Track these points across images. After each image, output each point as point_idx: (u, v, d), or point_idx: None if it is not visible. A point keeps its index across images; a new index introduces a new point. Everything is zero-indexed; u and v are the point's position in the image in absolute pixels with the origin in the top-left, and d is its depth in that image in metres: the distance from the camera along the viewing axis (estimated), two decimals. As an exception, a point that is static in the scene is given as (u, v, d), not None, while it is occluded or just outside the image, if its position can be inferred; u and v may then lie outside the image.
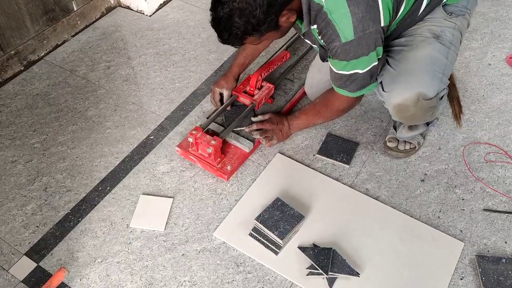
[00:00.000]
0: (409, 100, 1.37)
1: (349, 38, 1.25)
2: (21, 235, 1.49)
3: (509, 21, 2.22)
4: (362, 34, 1.24)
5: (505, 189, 1.59)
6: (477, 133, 1.76)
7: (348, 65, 1.32)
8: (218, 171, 1.61)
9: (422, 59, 1.38)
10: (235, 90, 1.78)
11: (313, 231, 1.48)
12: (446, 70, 1.39)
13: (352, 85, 1.39)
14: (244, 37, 1.27)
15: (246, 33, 1.25)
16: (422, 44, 1.40)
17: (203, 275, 1.40)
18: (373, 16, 1.24)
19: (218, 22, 1.25)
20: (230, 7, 1.20)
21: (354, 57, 1.29)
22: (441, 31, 1.41)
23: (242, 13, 1.20)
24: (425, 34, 1.41)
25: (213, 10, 1.25)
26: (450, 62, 1.41)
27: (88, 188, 1.61)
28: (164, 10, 2.36)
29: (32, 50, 2.04)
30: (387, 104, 1.44)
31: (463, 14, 1.45)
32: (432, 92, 1.35)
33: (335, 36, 1.27)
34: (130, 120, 1.83)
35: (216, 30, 1.28)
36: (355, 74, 1.34)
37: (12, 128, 1.80)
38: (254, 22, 1.21)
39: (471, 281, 1.38)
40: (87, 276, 1.40)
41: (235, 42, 1.30)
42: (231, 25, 1.23)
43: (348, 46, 1.27)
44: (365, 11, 1.22)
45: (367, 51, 1.29)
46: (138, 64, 2.07)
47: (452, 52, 1.42)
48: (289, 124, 1.68)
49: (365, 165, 1.67)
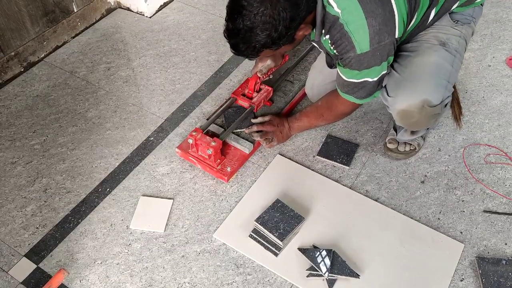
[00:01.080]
0: (414, 107, 1.36)
1: (365, 50, 1.25)
2: (21, 237, 1.49)
3: (509, 22, 2.23)
4: (378, 45, 1.24)
5: (505, 190, 1.59)
6: (477, 134, 1.76)
7: (359, 74, 1.32)
8: (218, 172, 1.61)
9: (428, 66, 1.38)
10: (234, 93, 1.78)
11: (313, 233, 1.48)
12: (451, 78, 1.39)
13: (359, 92, 1.38)
14: (261, 50, 1.24)
15: (265, 46, 1.22)
16: (428, 51, 1.40)
17: (203, 277, 1.40)
18: (389, 29, 1.24)
19: (236, 34, 1.20)
20: (252, 20, 1.16)
21: (367, 67, 1.29)
22: (447, 38, 1.42)
23: (265, 26, 1.16)
24: (431, 41, 1.42)
25: (231, 21, 1.19)
26: (455, 70, 1.42)
27: (88, 189, 1.61)
28: (164, 12, 2.36)
29: (32, 51, 2.04)
30: (391, 109, 1.43)
31: (468, 22, 1.46)
32: (437, 99, 1.35)
33: (351, 47, 1.26)
34: (130, 121, 1.83)
35: (231, 41, 1.24)
36: (365, 82, 1.34)
37: (12, 129, 1.80)
38: (275, 36, 1.19)
39: (471, 282, 1.38)
40: (87, 277, 1.40)
41: (251, 54, 1.26)
42: (251, 38, 1.19)
43: (362, 57, 1.27)
44: (382, 24, 1.22)
45: (379, 62, 1.29)
46: (138, 65, 2.07)
47: (457, 60, 1.42)
48: (289, 125, 1.68)
49: (365, 166, 1.67)
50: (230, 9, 1.20)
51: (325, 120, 1.62)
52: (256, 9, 1.14)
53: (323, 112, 1.58)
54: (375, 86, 1.36)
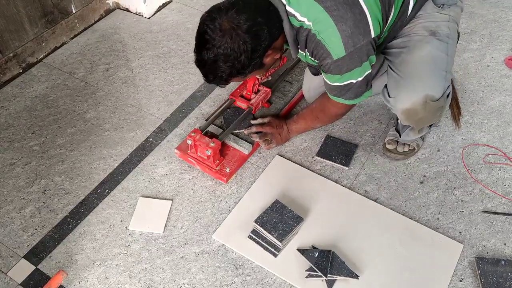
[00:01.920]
0: (417, 104, 1.36)
1: (340, 55, 1.26)
2: (20, 238, 1.49)
3: (508, 23, 2.23)
4: (354, 49, 1.25)
5: (504, 190, 1.59)
6: (476, 134, 1.76)
7: (342, 78, 1.33)
8: (217, 173, 1.61)
9: (423, 60, 1.37)
10: (232, 94, 1.78)
11: (312, 233, 1.48)
12: (448, 67, 1.38)
13: (348, 94, 1.39)
14: (228, 79, 1.29)
15: (231, 75, 1.27)
16: (420, 44, 1.38)
17: (202, 278, 1.40)
18: (362, 30, 1.24)
19: (203, 65, 1.26)
20: (214, 52, 1.21)
21: (347, 70, 1.30)
22: (437, 26, 1.39)
23: (227, 58, 1.21)
24: (421, 33, 1.39)
25: (197, 52, 1.26)
26: (451, 57, 1.40)
27: (87, 190, 1.61)
28: (162, 13, 2.36)
29: (31, 52, 2.04)
30: (395, 109, 1.43)
31: (454, 2, 1.42)
32: (438, 92, 1.35)
33: (326, 54, 1.28)
34: (129, 122, 1.83)
35: (201, 71, 1.29)
36: (350, 84, 1.35)
37: (10, 130, 1.80)
38: (239, 66, 1.24)
39: (470, 283, 1.38)
40: (86, 279, 1.40)
41: (220, 83, 1.33)
42: (216, 69, 1.24)
43: (340, 62, 1.28)
44: (353, 27, 1.23)
45: (360, 63, 1.29)
46: (137, 66, 2.07)
47: (451, 46, 1.40)
48: (288, 128, 1.68)
49: (364, 167, 1.67)
50: (197, 41, 1.26)
51: (321, 122, 1.62)
52: (218, 43, 1.20)
53: (318, 114, 1.59)
54: (361, 86, 1.36)
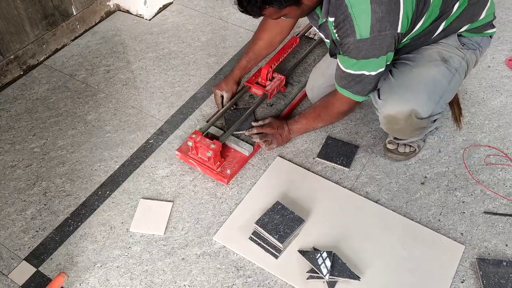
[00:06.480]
0: (401, 114, 1.37)
1: (364, 36, 1.24)
2: (21, 240, 1.49)
3: (509, 23, 2.23)
4: (378, 34, 1.24)
5: (506, 191, 1.59)
6: (477, 135, 1.76)
7: (356, 64, 1.32)
8: (217, 174, 1.61)
9: (425, 78, 1.38)
10: (248, 81, 1.80)
11: (313, 235, 1.48)
12: (445, 95, 1.39)
13: (356, 86, 1.38)
14: (263, 6, 1.19)
15: (266, 2, 1.18)
16: (428, 64, 1.40)
17: (203, 279, 1.39)
18: (392, 19, 1.23)
19: None
20: None
21: (365, 57, 1.29)
22: (450, 56, 1.41)
23: None
24: (434, 56, 1.42)
25: None
26: (452, 88, 1.41)
27: (87, 192, 1.61)
28: (163, 14, 2.36)
29: (32, 54, 2.04)
30: (379, 111, 1.44)
31: (474, 48, 1.46)
32: (425, 112, 1.36)
33: (351, 31, 1.25)
34: (130, 124, 1.83)
35: None
36: (362, 75, 1.34)
37: (11, 132, 1.80)
38: None
39: (472, 284, 1.38)
40: (87, 280, 1.40)
41: (254, 11, 1.21)
42: None
43: (361, 44, 1.26)
44: (385, 12, 1.22)
45: (378, 53, 1.28)
46: (138, 68, 2.07)
47: (456, 80, 1.42)
48: (289, 128, 1.68)
49: (365, 168, 1.67)
50: None
51: (322, 121, 1.62)
52: None
53: (320, 112, 1.58)
54: (371, 82, 1.36)
